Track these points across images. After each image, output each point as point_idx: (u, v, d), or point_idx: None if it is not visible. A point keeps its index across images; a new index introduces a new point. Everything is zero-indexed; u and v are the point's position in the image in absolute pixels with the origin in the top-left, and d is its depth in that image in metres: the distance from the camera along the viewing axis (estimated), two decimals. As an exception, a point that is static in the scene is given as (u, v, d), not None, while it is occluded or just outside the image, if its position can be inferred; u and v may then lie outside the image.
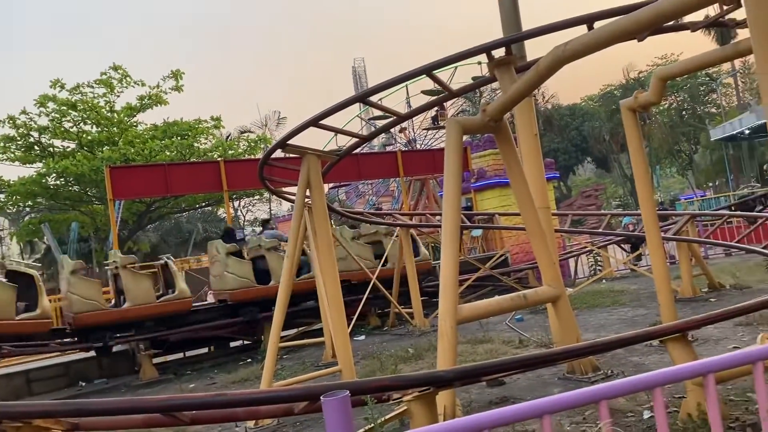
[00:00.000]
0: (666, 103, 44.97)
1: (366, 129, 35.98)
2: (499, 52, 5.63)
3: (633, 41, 5.05)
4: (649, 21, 4.07)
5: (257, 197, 36.50)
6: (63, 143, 23.74)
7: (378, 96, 7.53)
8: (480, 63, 27.97)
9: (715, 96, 46.09)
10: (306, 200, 7.59)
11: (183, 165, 18.15)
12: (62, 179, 22.79)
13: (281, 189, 10.02)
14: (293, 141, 7.08)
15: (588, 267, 17.20)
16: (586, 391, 2.12)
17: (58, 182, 23.12)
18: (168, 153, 22.48)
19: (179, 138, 23.19)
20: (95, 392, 10.60)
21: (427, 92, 31.06)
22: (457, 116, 32.03)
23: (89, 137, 23.20)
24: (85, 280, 10.66)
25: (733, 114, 36.79)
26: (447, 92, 6.71)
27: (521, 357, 4.49)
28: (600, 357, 7.04)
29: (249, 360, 11.30)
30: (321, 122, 6.61)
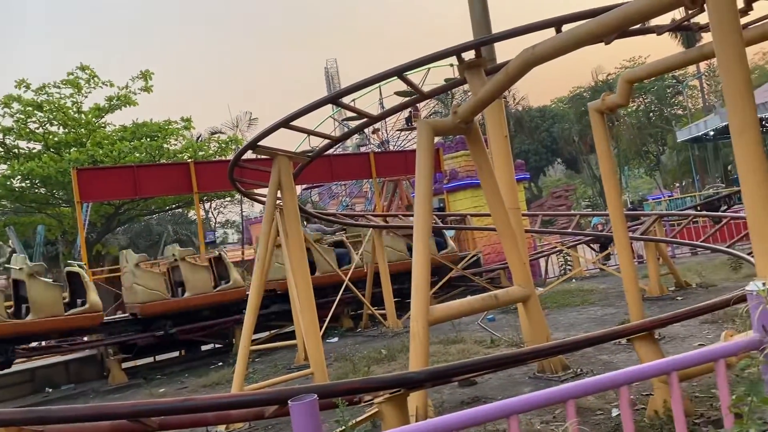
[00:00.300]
0: (634, 105, 45.70)
1: (339, 130, 35.95)
2: (470, 55, 5.66)
3: (601, 44, 5.12)
4: (615, 24, 4.13)
5: (228, 199, 36.13)
6: (28, 144, 23.27)
7: (351, 97, 7.52)
8: (452, 65, 28.09)
9: (682, 98, 46.98)
10: (277, 202, 7.55)
11: (152, 167, 17.89)
12: (28, 181, 22.35)
13: (252, 191, 9.94)
14: (264, 142, 7.04)
15: (558, 267, 17.41)
16: (553, 391, 2.15)
17: (24, 184, 22.66)
18: (137, 154, 22.16)
19: (148, 139, 22.90)
20: (62, 398, 10.40)
21: (400, 93, 31.12)
22: (430, 118, 32.20)
23: (56, 138, 22.78)
24: (149, 272, 11.39)
25: (699, 116, 37.54)
26: (418, 94, 6.74)
27: (491, 357, 4.51)
28: (570, 356, 7.12)
29: (220, 363, 11.19)
30: (292, 123, 6.57)
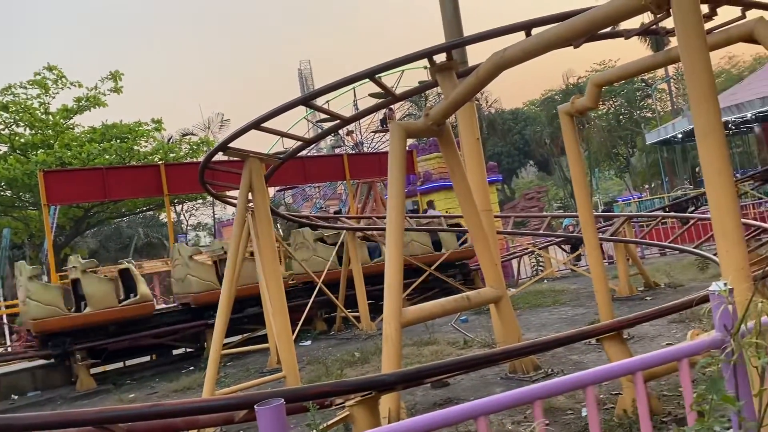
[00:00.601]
0: (604, 108, 46.42)
1: (313, 131, 35.77)
2: (441, 57, 5.69)
3: (575, 47, 5.18)
4: (584, 28, 4.18)
5: (200, 201, 35.77)
6: (-6, 146, 22.79)
7: (325, 98, 7.52)
8: (426, 67, 28.17)
9: (651, 101, 47.84)
10: (249, 204, 7.49)
11: (122, 169, 17.62)
12: (-7, 184, 21.87)
13: (224, 193, 9.87)
14: (236, 144, 6.98)
15: (530, 267, 17.57)
16: (521, 392, 2.16)
17: (-11, 187, 22.17)
18: (107, 156, 21.80)
19: (118, 141, 22.56)
20: (28, 405, 10.18)
21: (375, 95, 31.09)
22: (404, 120, 32.22)
23: (22, 140, 22.32)
24: (201, 264, 11.96)
25: (667, 118, 38.28)
26: (390, 96, 6.75)
27: (462, 358, 4.53)
28: (541, 356, 7.19)
29: (192, 368, 11.07)
30: (264, 125, 6.53)
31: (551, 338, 4.29)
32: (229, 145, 6.91)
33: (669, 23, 6.15)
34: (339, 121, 7.10)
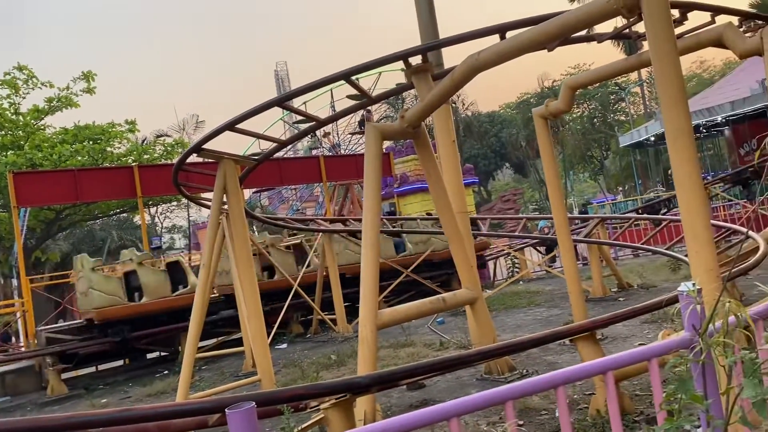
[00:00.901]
0: (579, 111, 46.92)
1: (290, 133, 35.60)
2: (417, 60, 5.71)
3: (556, 51, 5.23)
4: (557, 32, 4.22)
5: (175, 203, 35.36)
6: (-39, 147, 22.23)
7: (302, 99, 7.49)
8: (403, 70, 28.25)
9: (624, 104, 48.48)
10: (223, 206, 7.42)
11: (94, 170, 17.40)
12: (-39, 185, 21.33)
13: (198, 195, 9.78)
14: (210, 145, 6.91)
15: (506, 269, 17.68)
16: (493, 392, 2.17)
17: (-43, 188, 21.62)
18: (79, 158, 21.39)
19: (91, 142, 22.18)
20: (-3, 412, 9.98)
21: (352, 97, 31.02)
22: (381, 122, 32.25)
23: (-9, 141, 21.83)
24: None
25: (640, 122, 38.79)
26: (367, 98, 6.74)
27: (437, 360, 4.54)
28: (516, 357, 7.24)
29: (166, 372, 10.94)
30: (239, 126, 6.48)
31: (526, 339, 4.32)
32: (204, 147, 6.86)
33: (641, 27, 6.27)
34: (315, 123, 7.08)
